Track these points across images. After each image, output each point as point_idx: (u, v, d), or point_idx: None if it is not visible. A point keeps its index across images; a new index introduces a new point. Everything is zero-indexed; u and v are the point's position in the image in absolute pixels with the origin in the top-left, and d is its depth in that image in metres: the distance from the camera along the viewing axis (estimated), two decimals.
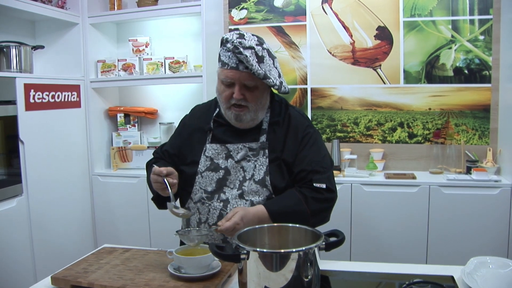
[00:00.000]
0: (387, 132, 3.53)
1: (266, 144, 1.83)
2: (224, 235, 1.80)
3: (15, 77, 2.90)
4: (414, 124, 3.48)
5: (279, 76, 1.75)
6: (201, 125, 1.94)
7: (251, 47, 1.67)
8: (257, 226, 1.53)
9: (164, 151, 2.02)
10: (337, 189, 3.11)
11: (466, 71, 3.35)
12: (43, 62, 3.55)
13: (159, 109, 3.89)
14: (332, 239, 1.43)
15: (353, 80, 3.54)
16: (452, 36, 3.34)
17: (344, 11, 3.50)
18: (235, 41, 1.67)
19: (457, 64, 3.36)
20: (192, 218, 1.91)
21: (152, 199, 1.93)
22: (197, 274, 1.52)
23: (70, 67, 3.59)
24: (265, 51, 1.72)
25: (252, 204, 1.79)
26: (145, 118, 3.86)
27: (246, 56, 1.64)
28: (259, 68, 1.66)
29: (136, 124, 3.82)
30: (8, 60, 3.02)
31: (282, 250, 1.35)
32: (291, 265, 1.29)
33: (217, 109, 1.93)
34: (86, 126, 3.61)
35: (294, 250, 1.31)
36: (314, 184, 1.77)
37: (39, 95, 3.07)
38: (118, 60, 3.65)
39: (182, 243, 1.93)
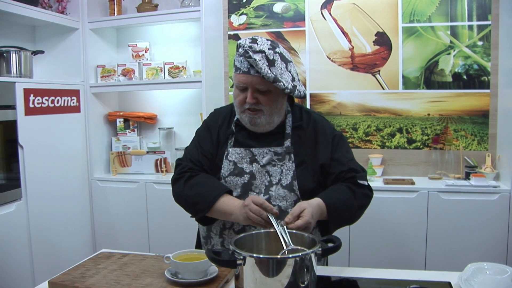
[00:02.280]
0: (386, 137, 3.53)
1: (291, 148, 1.82)
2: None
3: (14, 82, 2.91)
4: (413, 129, 3.48)
5: (293, 80, 1.73)
6: (222, 128, 1.92)
7: (261, 51, 1.67)
8: (253, 232, 1.54)
9: (201, 158, 1.88)
10: None
11: (465, 77, 3.36)
12: (43, 67, 3.56)
13: (159, 114, 3.89)
14: (329, 245, 1.44)
15: (352, 85, 3.54)
16: (451, 41, 3.35)
17: (343, 16, 3.50)
18: (246, 46, 1.67)
19: (456, 70, 3.36)
20: (215, 225, 1.86)
21: (198, 219, 1.82)
22: (194, 279, 1.52)
23: (70, 72, 3.60)
24: (277, 55, 1.70)
25: (280, 209, 1.77)
26: (144, 123, 3.87)
27: (255, 59, 1.64)
28: (269, 72, 1.65)
29: (136, 129, 3.82)
30: (8, 65, 3.03)
31: (279, 256, 1.35)
32: (287, 271, 1.29)
33: None
34: (85, 131, 3.61)
35: (290, 256, 1.32)
36: (358, 181, 1.80)
37: (38, 100, 3.08)
38: (117, 65, 3.66)
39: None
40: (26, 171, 2.96)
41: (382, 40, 3.46)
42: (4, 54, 3.01)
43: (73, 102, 3.46)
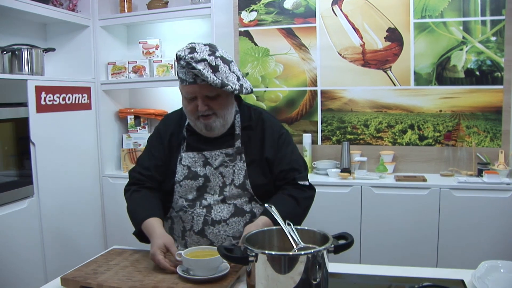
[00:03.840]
0: (397, 134, 3.51)
1: (242, 148, 1.87)
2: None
3: (26, 80, 2.92)
4: (424, 126, 3.45)
5: (238, 79, 1.77)
6: (174, 134, 1.95)
7: (203, 60, 1.68)
8: (265, 229, 1.53)
9: (152, 167, 1.93)
10: (347, 191, 3.14)
11: (477, 73, 3.32)
12: (54, 65, 3.57)
13: (169, 111, 3.87)
14: (341, 241, 1.43)
15: (363, 82, 3.52)
16: (464, 37, 3.32)
17: (354, 12, 3.48)
18: (187, 57, 1.68)
19: (469, 66, 3.33)
20: (176, 227, 1.93)
21: (134, 234, 1.87)
22: (206, 276, 1.52)
23: (81, 69, 3.61)
24: (219, 59, 1.72)
25: (236, 206, 1.85)
26: (155, 120, 3.87)
27: (200, 70, 1.65)
28: (215, 78, 1.67)
29: (146, 126, 3.83)
30: (20, 62, 3.04)
31: (291, 253, 1.35)
32: (300, 267, 1.29)
33: None
34: (96, 128, 3.62)
35: (302, 253, 1.31)
36: (298, 182, 1.87)
37: (50, 97, 3.09)
38: (128, 62, 3.66)
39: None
40: (38, 168, 2.97)
41: (394, 36, 3.43)
42: (16, 52, 3.02)
43: (84, 99, 3.47)
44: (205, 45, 1.75)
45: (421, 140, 3.47)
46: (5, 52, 2.97)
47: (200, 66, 1.66)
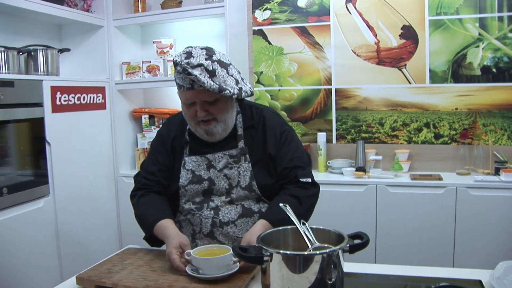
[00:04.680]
0: (412, 132, 3.48)
1: (245, 149, 1.84)
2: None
3: (42, 80, 2.95)
4: (440, 124, 3.42)
5: (237, 82, 1.73)
6: (177, 137, 1.92)
7: (200, 64, 1.64)
8: (280, 228, 1.52)
9: (156, 171, 1.92)
10: (362, 190, 3.12)
11: (494, 70, 3.28)
12: (69, 65, 3.60)
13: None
14: (357, 241, 1.41)
15: (378, 80, 3.50)
16: (480, 34, 3.28)
17: (368, 10, 3.46)
18: (183, 63, 1.64)
19: (485, 63, 3.29)
20: (185, 231, 1.90)
21: (145, 238, 1.86)
22: (215, 274, 1.51)
23: (96, 69, 3.63)
24: (216, 63, 1.68)
25: (243, 207, 1.83)
26: None
27: (196, 75, 1.62)
28: (213, 83, 1.64)
29: (161, 126, 3.83)
30: (35, 63, 3.07)
31: (305, 252, 1.34)
32: (315, 267, 1.28)
33: None
34: (111, 127, 3.64)
35: (317, 252, 1.30)
36: (300, 179, 1.82)
37: (65, 97, 3.11)
38: (142, 62, 3.67)
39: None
40: (54, 167, 3.00)
41: (409, 34, 3.40)
42: (32, 53, 3.05)
43: (99, 99, 3.49)
44: (202, 48, 1.71)
45: (436, 139, 3.44)
46: (21, 53, 3.00)
47: (196, 72, 1.63)
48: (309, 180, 1.85)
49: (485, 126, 3.34)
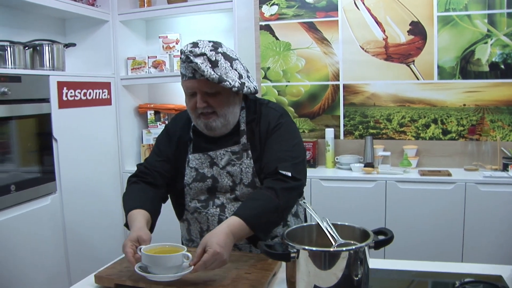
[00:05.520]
0: (420, 128, 3.48)
1: (247, 145, 1.80)
2: None
3: (48, 75, 2.91)
4: (448, 120, 3.42)
5: (240, 77, 1.71)
6: (182, 134, 1.89)
7: (203, 54, 1.63)
8: (305, 224, 1.51)
9: (157, 163, 1.87)
10: (372, 186, 3.11)
11: (502, 66, 3.28)
12: (73, 60, 3.55)
13: None
14: (381, 237, 1.41)
15: (386, 76, 3.49)
16: (488, 30, 3.27)
17: (376, 6, 3.45)
18: (186, 51, 1.64)
19: (493, 59, 3.29)
20: (193, 228, 1.88)
21: (125, 225, 1.77)
22: (162, 275, 1.43)
23: (100, 64, 3.59)
24: (220, 55, 1.67)
25: None
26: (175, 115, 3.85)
27: (197, 63, 1.60)
28: (213, 73, 1.62)
29: (167, 121, 3.82)
30: (41, 58, 3.02)
31: (331, 249, 1.33)
32: (342, 264, 1.28)
33: None
34: (116, 123, 3.61)
35: (344, 249, 1.30)
36: (279, 171, 1.68)
37: (71, 92, 3.08)
38: (148, 57, 3.64)
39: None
40: (61, 164, 2.97)
41: (417, 30, 3.39)
42: (38, 48, 3.01)
43: (105, 95, 3.46)
44: (210, 41, 1.71)
45: (444, 135, 3.44)
46: (27, 48, 2.96)
47: (198, 60, 1.61)
48: (289, 174, 1.68)
49: (492, 122, 3.34)
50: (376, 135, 3.55)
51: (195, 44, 1.67)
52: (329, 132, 3.53)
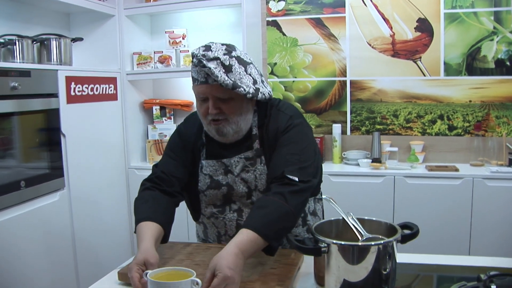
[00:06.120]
0: (426, 124, 3.50)
1: (260, 150, 1.73)
2: None
3: (57, 70, 2.88)
4: (454, 116, 3.44)
5: (255, 82, 1.64)
6: (196, 139, 1.82)
7: (216, 58, 1.56)
8: (332, 219, 1.52)
9: (174, 172, 1.78)
10: (380, 181, 3.12)
11: (508, 63, 3.31)
12: (79, 54, 3.52)
13: (195, 101, 3.86)
14: (406, 231, 1.43)
15: (393, 72, 3.51)
16: (494, 27, 3.30)
17: (384, 2, 3.46)
18: (199, 55, 1.57)
19: (499, 56, 3.32)
20: (210, 232, 1.85)
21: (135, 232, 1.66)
22: None
23: (106, 59, 3.56)
24: (234, 59, 1.60)
25: None
26: (180, 110, 3.84)
27: (210, 68, 1.54)
28: (227, 78, 1.55)
29: (172, 117, 3.81)
30: (48, 52, 2.99)
31: (360, 243, 1.34)
32: (371, 258, 1.30)
33: None
34: (122, 119, 3.59)
35: (373, 243, 1.31)
36: (286, 175, 1.58)
37: (79, 87, 3.05)
38: (154, 52, 3.62)
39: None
40: (69, 160, 2.95)
41: (424, 27, 3.41)
42: (45, 42, 2.98)
43: (111, 90, 3.44)
44: (222, 44, 1.63)
45: (450, 130, 3.46)
46: (34, 42, 2.93)
47: (211, 65, 1.54)
48: (296, 178, 1.58)
49: (498, 118, 3.36)
50: (383, 130, 3.57)
51: (207, 47, 1.60)
52: (336, 128, 3.54)
